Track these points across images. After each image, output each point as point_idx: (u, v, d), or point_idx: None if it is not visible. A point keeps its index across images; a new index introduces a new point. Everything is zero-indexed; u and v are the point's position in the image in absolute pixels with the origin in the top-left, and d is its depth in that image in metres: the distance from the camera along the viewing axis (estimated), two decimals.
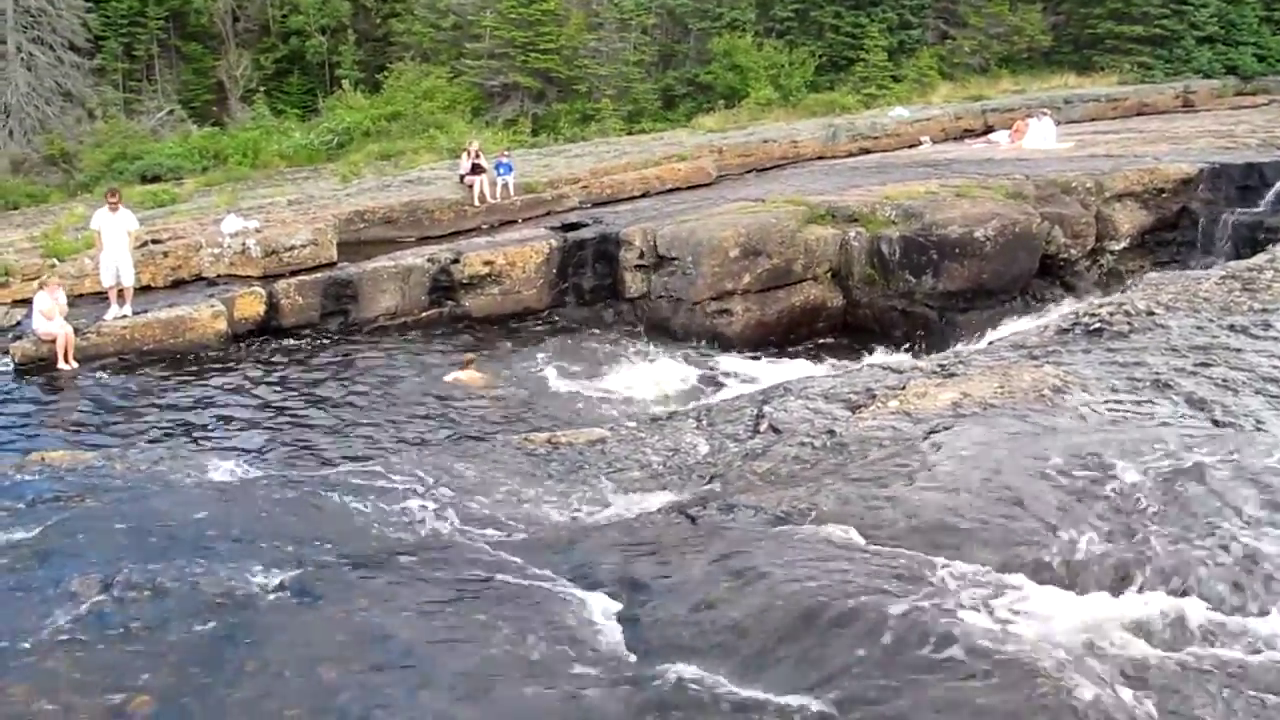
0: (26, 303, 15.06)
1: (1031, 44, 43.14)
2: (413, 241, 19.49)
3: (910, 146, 29.53)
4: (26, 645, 4.48)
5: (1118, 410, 7.21)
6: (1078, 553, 4.87)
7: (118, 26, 46.69)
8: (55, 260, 17.20)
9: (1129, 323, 9.61)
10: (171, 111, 45.09)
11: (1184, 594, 4.46)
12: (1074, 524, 5.15)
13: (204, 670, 4.29)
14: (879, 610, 4.47)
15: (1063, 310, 14.05)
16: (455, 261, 17.31)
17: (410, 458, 8.48)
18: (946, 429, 6.93)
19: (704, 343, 16.39)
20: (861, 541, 5.26)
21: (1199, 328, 9.24)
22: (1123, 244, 19.13)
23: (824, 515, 5.64)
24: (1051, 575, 4.72)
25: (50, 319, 14.06)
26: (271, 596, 5.01)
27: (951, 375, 8.75)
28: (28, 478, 7.70)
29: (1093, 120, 33.18)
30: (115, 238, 15.15)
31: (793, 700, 3.98)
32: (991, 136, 28.78)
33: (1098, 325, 9.76)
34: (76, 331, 14.22)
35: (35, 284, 15.36)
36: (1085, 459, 5.90)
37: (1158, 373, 7.96)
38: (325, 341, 15.94)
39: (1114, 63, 41.38)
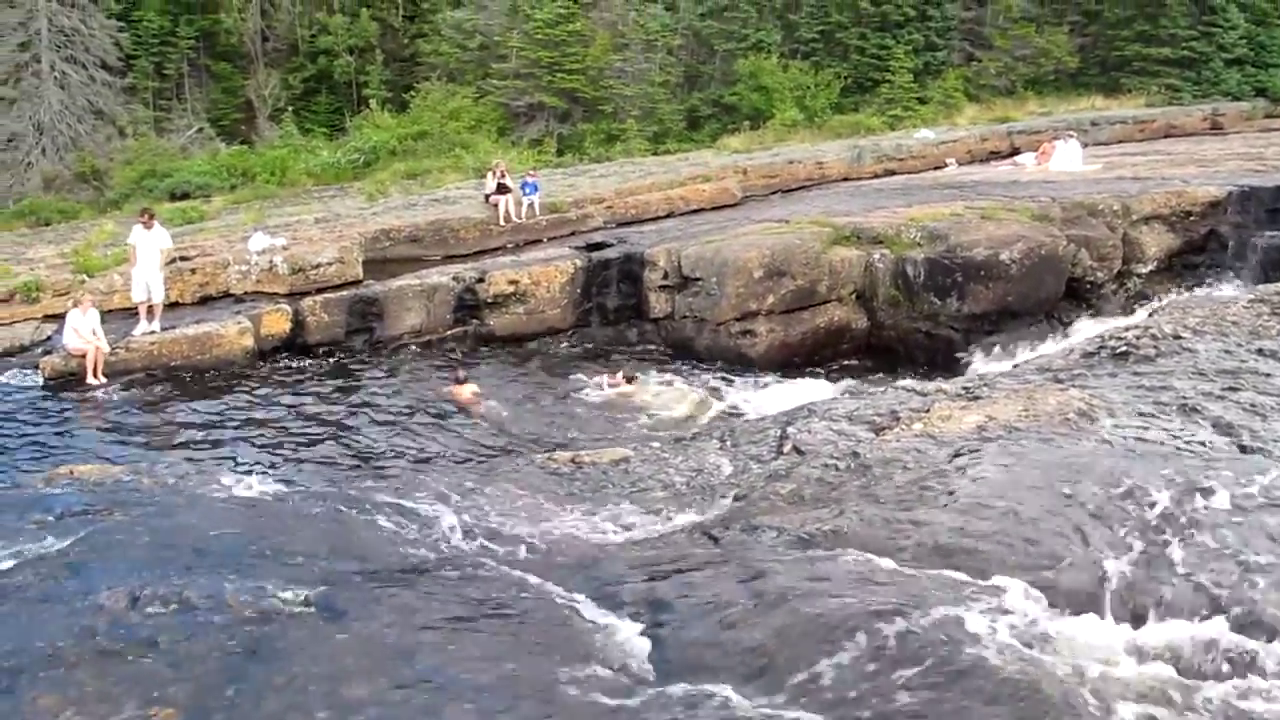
0: (57, 318, 15.20)
1: (1058, 66, 43.04)
2: (438, 260, 19.57)
3: (936, 168, 29.44)
4: (55, 656, 4.52)
5: (1144, 435, 7.16)
6: (1103, 577, 4.85)
7: (149, 46, 47.29)
8: (85, 276, 17.37)
9: (1156, 346, 9.56)
10: (200, 130, 45.56)
11: (1211, 620, 4.43)
12: (1099, 549, 5.13)
13: (229, 684, 4.32)
14: (903, 633, 4.47)
15: (1088, 333, 13.99)
16: (480, 280, 17.36)
17: (434, 475, 8.52)
18: (971, 452, 6.91)
19: (728, 363, 16.38)
20: (885, 564, 5.25)
21: (1227, 352, 9.18)
22: (1150, 267, 19.00)
23: (848, 537, 5.63)
24: (1077, 600, 4.70)
25: (81, 335, 14.20)
26: (296, 612, 5.04)
27: (976, 398, 8.72)
28: (56, 491, 7.79)
29: (1120, 142, 33.04)
30: (149, 254, 15.30)
31: None
32: (1018, 159, 28.66)
33: (1124, 349, 9.72)
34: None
35: (68, 300, 15.51)
36: (1111, 483, 5.87)
37: (1185, 397, 7.91)
38: (350, 359, 16.03)
39: (1141, 85, 41.20)
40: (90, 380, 14.00)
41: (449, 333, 17.15)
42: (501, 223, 21.37)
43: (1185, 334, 9.82)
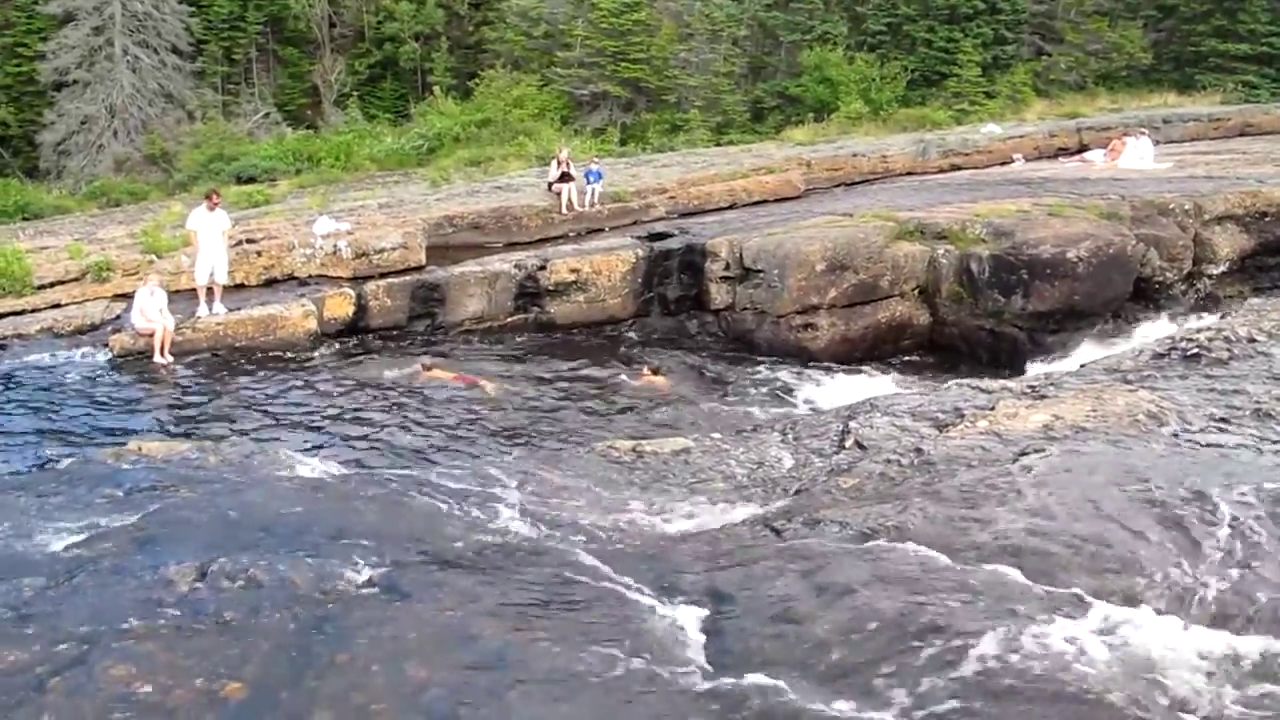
0: (127, 297, 15.49)
1: (1130, 61, 42.27)
2: (500, 247, 19.69)
3: (1002, 164, 29.06)
4: (126, 628, 4.60)
5: (1217, 438, 7.01)
6: (1174, 584, 4.75)
7: (218, 31, 48.00)
8: (154, 256, 17.68)
9: (1229, 349, 9.35)
10: (267, 114, 46.21)
11: None
12: (1170, 553, 5.02)
13: (294, 661, 4.37)
14: (966, 632, 4.41)
15: (1157, 334, 13.73)
16: (542, 268, 17.44)
17: (495, 460, 8.56)
18: (1037, 451, 6.80)
19: (788, 357, 16.29)
20: (949, 562, 5.18)
21: None
22: (1221, 268, 18.60)
23: (911, 534, 5.57)
24: (1146, 605, 4.60)
25: (148, 314, 14.45)
26: (360, 592, 5.09)
27: (1042, 397, 8.59)
28: (125, 466, 7.92)
29: (1193, 140, 32.34)
30: (212, 237, 15.52)
31: (876, 718, 3.94)
32: (1087, 155, 28.20)
33: (1195, 351, 9.52)
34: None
35: (137, 279, 15.81)
36: (1182, 487, 5.75)
37: (1259, 401, 7.73)
38: (411, 344, 16.17)
39: (1217, 81, 40.33)
40: (157, 359, 14.25)
41: (509, 320, 17.25)
42: (564, 211, 21.45)
43: (1260, 337, 9.61)
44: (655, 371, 14.76)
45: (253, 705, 4.07)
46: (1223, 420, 7.43)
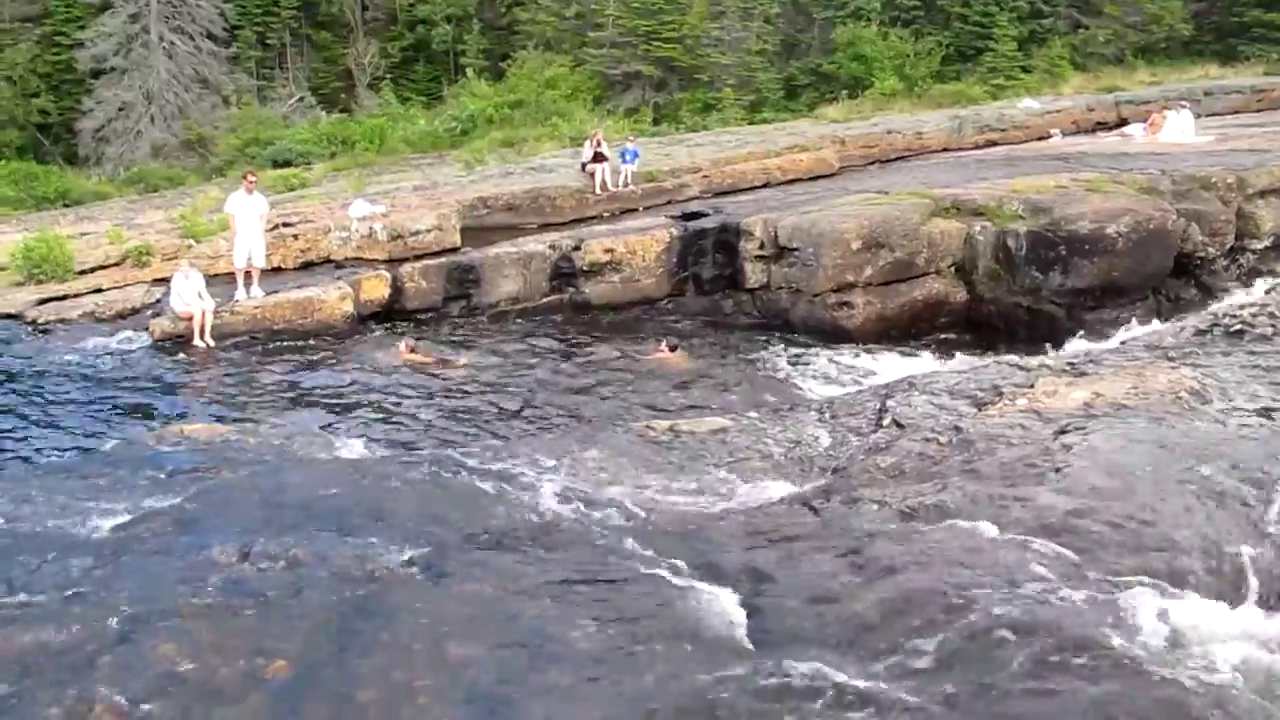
0: (166, 281, 15.63)
1: (1171, 33, 41.54)
2: (534, 228, 19.68)
3: (1039, 139, 28.70)
4: (172, 608, 4.67)
5: (1261, 416, 6.92)
6: (1220, 563, 4.70)
7: (252, 16, 48.30)
8: (192, 241, 17.82)
9: (1273, 325, 9.22)
10: (302, 99, 46.46)
11: None
12: (1216, 532, 4.97)
13: (337, 640, 4.42)
14: (1007, 612, 4.39)
15: (1199, 311, 13.56)
16: (576, 249, 17.42)
17: (532, 441, 8.59)
18: (1078, 429, 6.74)
19: (823, 335, 16.21)
20: (990, 541, 5.15)
21: None
22: (1265, 243, 18.27)
23: (951, 512, 5.54)
24: (1201, 585, 4.56)
25: (185, 298, 14.58)
26: (401, 572, 5.13)
27: (1082, 374, 8.50)
28: (167, 449, 8.02)
29: (1235, 113, 31.75)
30: (250, 220, 15.61)
31: (917, 698, 3.92)
32: (1126, 129, 27.79)
33: (1239, 327, 9.39)
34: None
35: (176, 263, 15.94)
36: (1228, 464, 5.69)
37: None
38: (447, 325, 16.23)
39: (1261, 52, 39.50)
40: (196, 342, 14.37)
41: (545, 300, 17.26)
42: (598, 191, 21.43)
43: None
44: (673, 349, 14.71)
45: (296, 683, 4.12)
46: (1268, 398, 7.33)
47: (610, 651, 4.34)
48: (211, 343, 14.44)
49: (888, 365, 14.31)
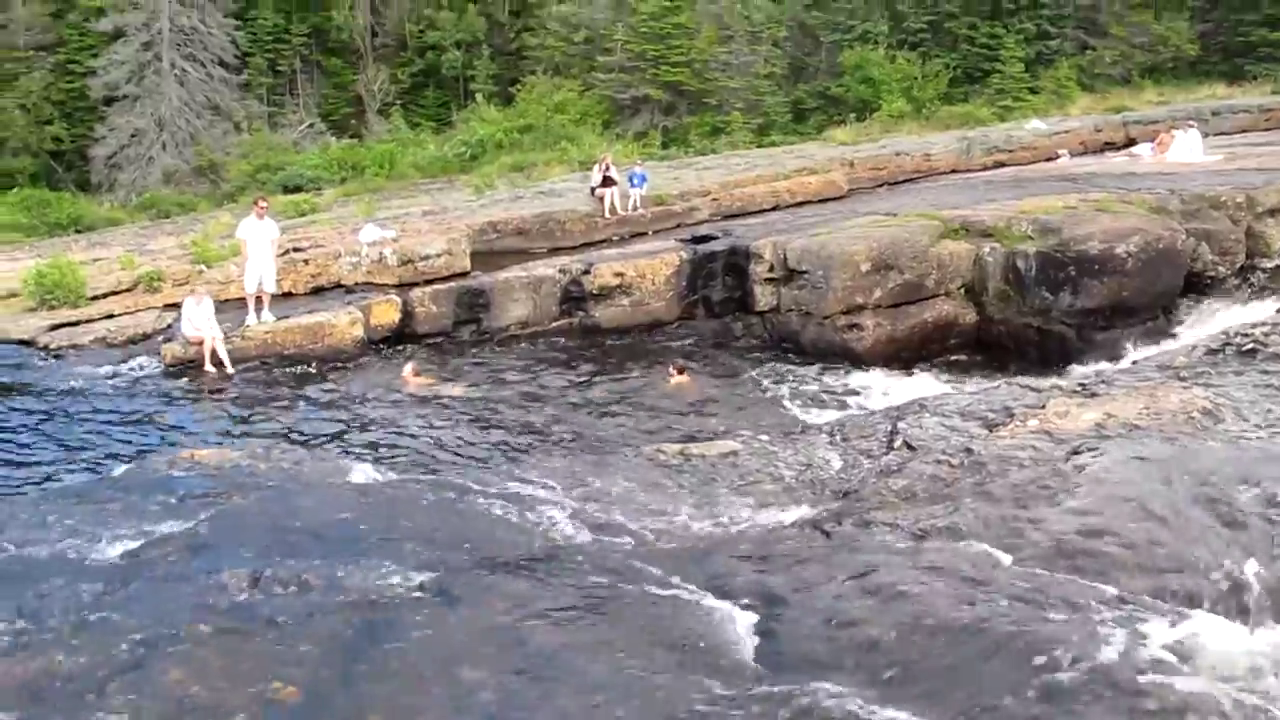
0: (178, 306, 15.68)
1: (1177, 53, 41.58)
2: (544, 252, 19.73)
3: (1047, 160, 28.70)
4: (180, 633, 4.66)
5: (1275, 436, 6.88)
6: (1235, 584, 4.66)
7: (263, 43, 48.69)
8: (204, 266, 17.89)
9: None
10: (312, 125, 46.73)
11: None
12: (1230, 553, 4.93)
13: (347, 665, 4.40)
14: (1021, 633, 4.36)
15: (1210, 330, 13.50)
16: (586, 272, 17.44)
17: (543, 465, 8.57)
18: (1090, 450, 6.71)
19: (833, 358, 16.18)
20: (1003, 563, 5.13)
21: None
22: (1276, 262, 18.25)
23: (964, 534, 5.51)
24: (1207, 605, 4.52)
25: (196, 323, 14.62)
26: (411, 596, 5.12)
27: (1093, 395, 8.47)
28: (179, 474, 8.02)
29: (1243, 132, 31.70)
30: (260, 245, 15.67)
31: None
32: (1134, 149, 27.77)
33: (1251, 346, 9.35)
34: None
35: (187, 289, 16.01)
36: (1241, 485, 5.65)
37: None
38: (457, 350, 16.25)
39: (1268, 72, 39.49)
40: (208, 368, 14.40)
41: (554, 324, 17.27)
42: (607, 215, 21.45)
43: None
44: (680, 371, 14.72)
45: (306, 708, 4.11)
46: None
47: (621, 675, 4.32)
48: (228, 368, 14.46)
49: (898, 387, 14.27)
